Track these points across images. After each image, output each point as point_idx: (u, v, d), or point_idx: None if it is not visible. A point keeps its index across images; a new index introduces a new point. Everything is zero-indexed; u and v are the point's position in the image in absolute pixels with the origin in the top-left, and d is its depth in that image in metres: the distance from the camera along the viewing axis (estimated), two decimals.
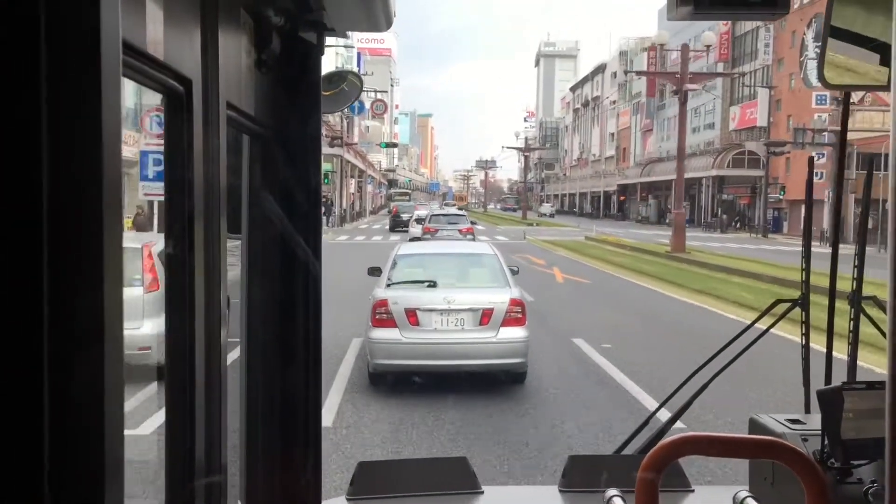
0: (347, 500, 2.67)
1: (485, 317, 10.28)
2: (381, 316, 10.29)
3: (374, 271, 11.92)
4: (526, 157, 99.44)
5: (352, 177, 71.75)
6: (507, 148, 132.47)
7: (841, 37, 2.24)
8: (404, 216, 51.53)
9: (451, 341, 10.22)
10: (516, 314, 10.36)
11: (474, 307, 10.33)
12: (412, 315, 10.25)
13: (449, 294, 10.49)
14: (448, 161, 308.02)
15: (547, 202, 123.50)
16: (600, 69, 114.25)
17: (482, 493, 2.77)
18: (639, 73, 67.41)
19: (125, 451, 0.80)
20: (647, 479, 1.52)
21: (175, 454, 1.30)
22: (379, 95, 50.86)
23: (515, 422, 9.24)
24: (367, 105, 50.22)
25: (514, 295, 10.60)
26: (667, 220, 78.94)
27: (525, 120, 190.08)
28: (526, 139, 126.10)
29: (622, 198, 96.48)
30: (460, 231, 33.41)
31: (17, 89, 0.71)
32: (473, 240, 32.73)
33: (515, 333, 10.29)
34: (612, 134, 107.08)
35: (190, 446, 1.30)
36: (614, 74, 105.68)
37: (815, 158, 45.93)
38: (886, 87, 2.04)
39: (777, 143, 45.34)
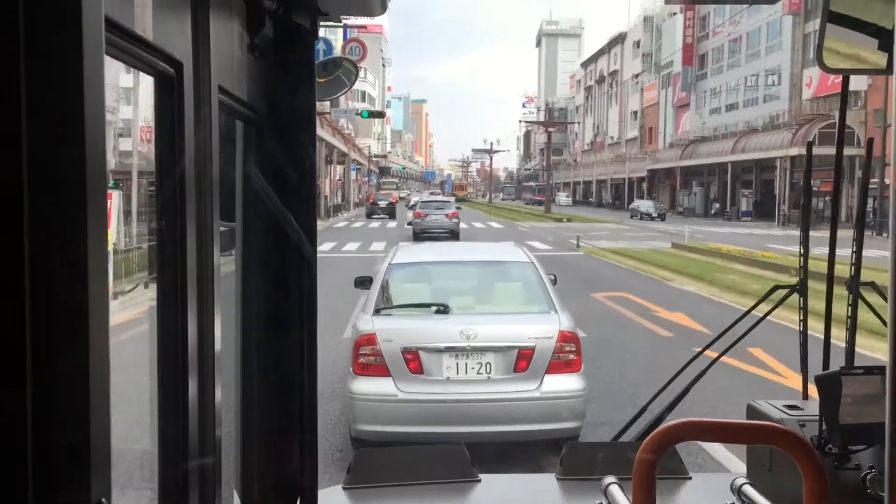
0: (344, 489, 2.67)
1: (522, 360, 6.66)
2: (368, 359, 6.69)
3: (364, 282, 8.57)
4: (549, 133, 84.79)
5: (330, 162, 57.86)
6: (526, 122, 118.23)
7: (840, 21, 2.25)
8: (381, 203, 58.20)
9: (472, 398, 6.56)
10: (568, 355, 6.70)
11: (506, 345, 6.68)
12: (413, 358, 6.62)
13: (468, 325, 6.72)
14: (443, 149, 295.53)
15: (562, 192, 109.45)
16: (619, 39, 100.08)
17: (479, 481, 2.75)
18: None
19: (116, 433, 0.80)
20: (645, 462, 1.51)
21: (167, 438, 1.30)
22: (355, 34, 36.37)
23: None
24: (338, 47, 35.73)
25: (565, 326, 6.83)
26: (712, 212, 65.61)
27: (524, 105, 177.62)
28: (549, 110, 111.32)
29: (649, 186, 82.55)
30: (447, 215, 35.71)
31: None
32: (458, 224, 35.95)
33: (568, 384, 6.66)
34: (635, 112, 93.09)
35: (183, 430, 1.30)
36: (636, 44, 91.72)
37: None
38: (884, 72, 2.16)
39: None
